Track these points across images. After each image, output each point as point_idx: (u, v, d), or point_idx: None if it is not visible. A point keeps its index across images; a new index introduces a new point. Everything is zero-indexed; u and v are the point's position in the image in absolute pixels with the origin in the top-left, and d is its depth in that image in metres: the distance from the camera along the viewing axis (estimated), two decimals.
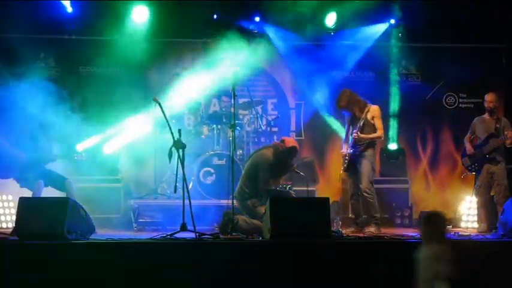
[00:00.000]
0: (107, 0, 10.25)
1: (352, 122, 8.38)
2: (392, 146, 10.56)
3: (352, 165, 8.32)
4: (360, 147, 8.19)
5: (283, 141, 7.87)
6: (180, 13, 10.34)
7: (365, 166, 8.18)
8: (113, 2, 10.22)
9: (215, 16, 10.68)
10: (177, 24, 10.54)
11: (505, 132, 8.34)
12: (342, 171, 8.59)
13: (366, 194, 8.12)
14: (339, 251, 6.36)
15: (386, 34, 11.00)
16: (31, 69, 10.32)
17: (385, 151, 10.50)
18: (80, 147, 9.40)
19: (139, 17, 10.47)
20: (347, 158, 8.31)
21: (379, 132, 8.24)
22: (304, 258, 6.13)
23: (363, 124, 8.17)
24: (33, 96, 9.12)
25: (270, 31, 10.81)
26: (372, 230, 8.00)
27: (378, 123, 8.22)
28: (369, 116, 8.22)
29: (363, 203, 8.24)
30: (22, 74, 9.92)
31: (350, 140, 8.27)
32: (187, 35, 10.72)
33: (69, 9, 10.28)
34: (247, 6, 10.67)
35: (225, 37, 10.13)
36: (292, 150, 7.86)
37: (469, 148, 8.59)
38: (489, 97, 8.56)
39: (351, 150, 8.22)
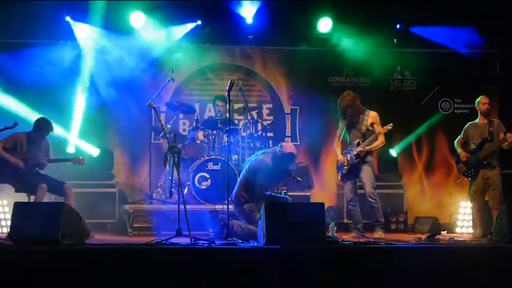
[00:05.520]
0: None
1: (349, 128, 8.39)
2: (393, 152, 10.60)
3: (351, 171, 8.34)
4: (361, 155, 8.20)
5: (281, 147, 7.87)
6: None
7: (367, 172, 8.20)
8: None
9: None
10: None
11: (507, 135, 8.30)
12: (339, 178, 8.58)
13: (370, 199, 8.13)
14: (334, 256, 6.35)
15: (381, 40, 11.02)
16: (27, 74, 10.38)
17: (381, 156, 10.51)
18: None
19: (137, 22, 10.49)
20: (346, 165, 8.31)
21: (381, 139, 8.26)
22: (299, 263, 6.11)
23: (365, 132, 8.20)
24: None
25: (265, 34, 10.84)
26: (380, 234, 8.02)
27: (379, 129, 8.22)
28: (368, 123, 8.24)
29: (368, 208, 8.26)
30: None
31: (352, 148, 8.26)
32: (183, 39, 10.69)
33: None
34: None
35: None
36: (290, 157, 7.84)
37: (463, 154, 8.57)
38: (483, 99, 8.57)
39: (354, 160, 8.23)
